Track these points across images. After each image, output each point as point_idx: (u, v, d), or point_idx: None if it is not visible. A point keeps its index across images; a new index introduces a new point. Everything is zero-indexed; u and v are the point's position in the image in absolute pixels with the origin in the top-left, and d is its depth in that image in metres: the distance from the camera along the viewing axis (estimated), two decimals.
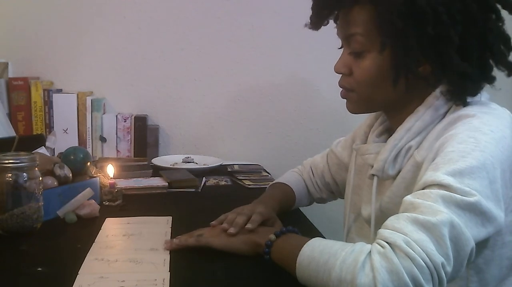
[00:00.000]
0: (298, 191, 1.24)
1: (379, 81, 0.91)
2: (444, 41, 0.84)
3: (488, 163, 0.75)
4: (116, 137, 1.83)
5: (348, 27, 0.92)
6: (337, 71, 0.96)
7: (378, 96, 0.93)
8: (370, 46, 0.89)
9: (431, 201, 0.71)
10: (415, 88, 0.91)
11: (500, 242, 0.84)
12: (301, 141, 2.03)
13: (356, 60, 0.92)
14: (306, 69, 1.99)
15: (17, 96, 1.75)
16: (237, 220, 0.96)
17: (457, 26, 0.84)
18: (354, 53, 0.92)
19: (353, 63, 0.93)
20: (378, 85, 0.91)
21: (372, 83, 0.91)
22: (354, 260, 0.69)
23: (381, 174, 0.93)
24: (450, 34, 0.83)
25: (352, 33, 0.91)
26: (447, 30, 0.83)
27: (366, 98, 0.94)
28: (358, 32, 0.90)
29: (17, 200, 1.00)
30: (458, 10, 0.84)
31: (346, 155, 1.19)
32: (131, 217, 1.15)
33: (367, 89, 0.92)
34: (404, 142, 0.91)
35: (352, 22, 0.90)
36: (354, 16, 0.90)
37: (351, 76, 0.94)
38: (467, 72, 0.85)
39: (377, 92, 0.92)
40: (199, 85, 1.96)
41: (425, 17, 0.83)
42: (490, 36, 0.87)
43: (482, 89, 0.90)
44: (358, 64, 0.92)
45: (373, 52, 0.89)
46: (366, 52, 0.90)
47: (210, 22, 1.93)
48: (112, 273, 0.83)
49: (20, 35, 1.86)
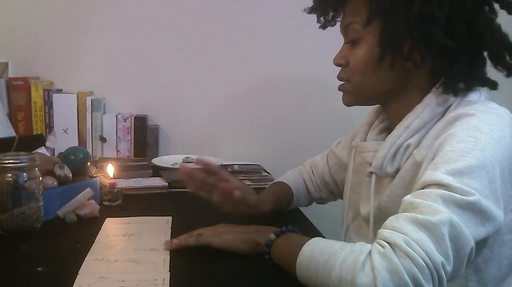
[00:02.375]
0: (296, 189, 1.24)
1: (371, 68, 0.92)
2: (429, 19, 0.85)
3: (488, 162, 0.75)
4: (116, 137, 1.83)
5: (345, 17, 0.96)
6: (335, 63, 0.99)
7: (370, 83, 0.94)
8: (366, 34, 0.92)
9: (430, 201, 0.71)
10: (411, 78, 0.92)
11: (499, 241, 0.84)
12: (301, 142, 2.02)
13: (352, 50, 0.95)
14: (306, 69, 1.98)
15: (17, 96, 1.75)
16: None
17: (443, 7, 0.85)
18: (351, 42, 0.95)
19: (349, 53, 0.95)
20: (371, 72, 0.93)
21: (365, 70, 0.93)
22: (354, 260, 0.69)
23: (379, 172, 0.94)
24: (435, 13, 0.85)
25: (349, 22, 0.94)
26: (432, 9, 0.84)
27: (360, 88, 0.96)
28: (354, 21, 0.93)
29: (17, 200, 1.00)
30: None
31: (346, 154, 1.19)
32: (131, 217, 1.15)
33: (360, 77, 0.94)
34: (402, 139, 0.91)
35: (349, 11, 0.95)
36: (352, 6, 0.94)
37: (348, 67, 0.96)
38: (449, 49, 0.86)
39: (370, 79, 0.94)
40: (199, 85, 1.96)
41: None
42: (480, 23, 0.88)
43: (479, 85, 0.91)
44: (353, 53, 0.94)
45: (367, 39, 0.92)
46: (360, 40, 0.93)
47: (210, 22, 1.92)
48: (112, 273, 0.83)
49: (20, 35, 1.86)
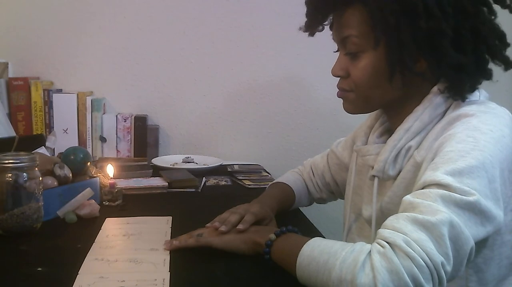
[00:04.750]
0: (297, 191, 1.24)
1: (376, 80, 0.91)
2: (437, 35, 0.84)
3: (487, 162, 0.75)
4: (116, 137, 1.83)
5: (342, 30, 0.92)
6: (334, 74, 0.96)
7: (376, 95, 0.93)
8: (365, 47, 0.90)
9: (430, 201, 0.71)
10: (412, 86, 0.91)
11: (499, 241, 0.84)
12: (301, 141, 2.03)
13: (353, 61, 0.92)
14: (306, 69, 1.99)
15: (17, 96, 1.75)
16: (229, 219, 0.96)
17: (449, 19, 0.84)
18: (350, 54, 0.92)
19: (350, 65, 0.93)
20: (376, 85, 0.91)
21: (370, 83, 0.91)
22: (354, 260, 0.69)
23: (381, 175, 0.93)
24: (442, 27, 0.83)
25: (346, 35, 0.91)
26: (439, 24, 0.83)
27: (364, 98, 0.94)
28: (352, 34, 0.90)
29: (17, 200, 1.00)
30: (448, 3, 0.84)
31: (347, 155, 1.19)
32: (131, 217, 1.15)
33: (365, 89, 0.92)
34: (403, 142, 0.91)
35: (346, 24, 0.91)
36: (347, 19, 0.91)
37: (349, 78, 0.94)
38: (463, 65, 0.85)
39: (375, 91, 0.93)
40: (199, 85, 1.96)
41: (416, 12, 0.83)
42: (483, 29, 0.87)
43: (480, 83, 0.90)
44: (355, 65, 0.92)
45: (368, 52, 0.90)
46: (361, 52, 0.90)
47: (210, 22, 1.93)
48: (112, 273, 0.83)
49: (20, 35, 1.86)
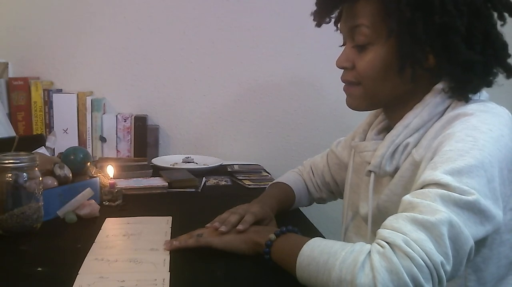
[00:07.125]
0: (297, 190, 1.24)
1: (383, 73, 0.90)
2: (451, 31, 0.84)
3: (486, 161, 0.75)
4: (116, 137, 1.83)
5: (353, 19, 0.91)
6: (339, 65, 0.95)
7: (383, 90, 0.92)
8: (375, 39, 0.89)
9: (429, 200, 0.71)
10: (419, 82, 0.90)
11: (498, 241, 0.84)
12: (301, 141, 2.03)
13: (360, 53, 0.92)
14: (306, 69, 1.99)
15: (17, 96, 1.75)
16: (229, 219, 0.97)
17: (463, 17, 0.84)
18: (358, 46, 0.91)
19: (356, 57, 0.92)
20: (383, 78, 0.91)
21: (377, 76, 0.91)
22: (353, 260, 0.69)
23: (378, 170, 0.93)
24: (456, 24, 0.84)
25: (357, 24, 0.90)
26: (453, 20, 0.84)
27: (371, 93, 0.93)
28: (364, 24, 0.89)
29: (17, 200, 1.00)
30: (464, 2, 0.85)
31: (346, 154, 1.19)
32: (131, 217, 1.15)
33: (372, 82, 0.92)
34: (401, 138, 0.91)
35: (358, 14, 0.90)
36: (360, 8, 0.90)
37: (354, 70, 0.93)
38: (472, 63, 0.86)
39: (382, 85, 0.92)
40: (199, 85, 1.96)
41: (432, 6, 0.84)
42: (493, 32, 0.88)
43: (482, 88, 0.90)
44: (362, 58, 0.91)
45: (377, 45, 0.89)
46: (369, 45, 0.90)
47: (210, 22, 1.93)
48: (112, 273, 0.83)
49: (20, 35, 1.86)
